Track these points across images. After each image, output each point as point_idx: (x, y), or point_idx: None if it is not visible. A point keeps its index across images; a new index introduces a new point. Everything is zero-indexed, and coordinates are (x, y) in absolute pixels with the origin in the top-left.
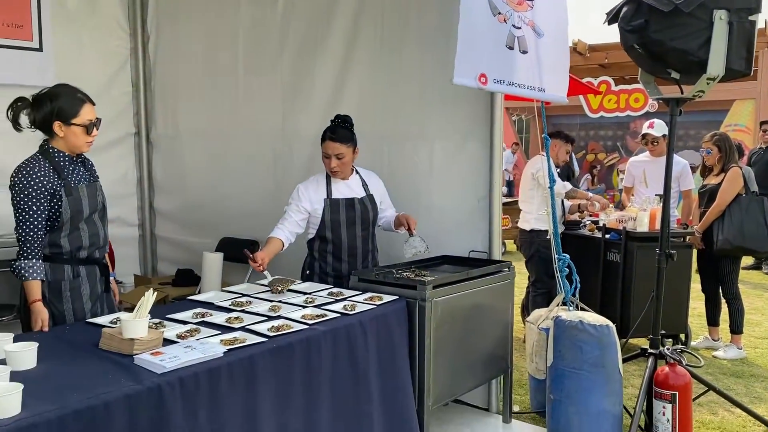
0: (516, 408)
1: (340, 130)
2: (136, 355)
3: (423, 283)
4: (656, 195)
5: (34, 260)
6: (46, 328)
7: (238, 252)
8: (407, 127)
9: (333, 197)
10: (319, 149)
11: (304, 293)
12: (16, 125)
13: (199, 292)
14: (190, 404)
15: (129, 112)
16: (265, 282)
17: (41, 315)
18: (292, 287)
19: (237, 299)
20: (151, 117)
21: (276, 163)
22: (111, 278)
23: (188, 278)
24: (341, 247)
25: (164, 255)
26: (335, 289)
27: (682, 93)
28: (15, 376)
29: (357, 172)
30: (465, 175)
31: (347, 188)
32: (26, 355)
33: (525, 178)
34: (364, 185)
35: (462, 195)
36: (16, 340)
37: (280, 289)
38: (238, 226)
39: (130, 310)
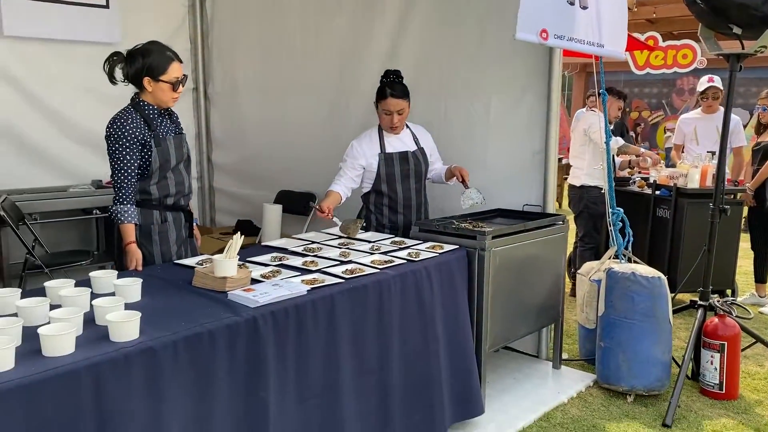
0: (565, 355)
1: (398, 85)
2: (228, 291)
3: (483, 234)
4: (708, 152)
5: (128, 205)
6: (140, 268)
7: (295, 204)
8: (464, 81)
9: (387, 151)
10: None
11: (369, 241)
12: (112, 78)
13: (259, 242)
14: (280, 336)
15: (187, 69)
16: (334, 229)
17: (135, 255)
18: (358, 236)
19: (308, 245)
20: (208, 73)
21: (332, 117)
22: (194, 224)
23: (248, 229)
24: (397, 200)
25: (222, 207)
26: (397, 238)
27: (743, 48)
28: (125, 308)
29: (407, 126)
30: (520, 129)
31: (400, 142)
32: (133, 288)
33: (576, 134)
34: (415, 139)
35: (517, 149)
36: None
37: (351, 230)
38: (294, 179)
39: None
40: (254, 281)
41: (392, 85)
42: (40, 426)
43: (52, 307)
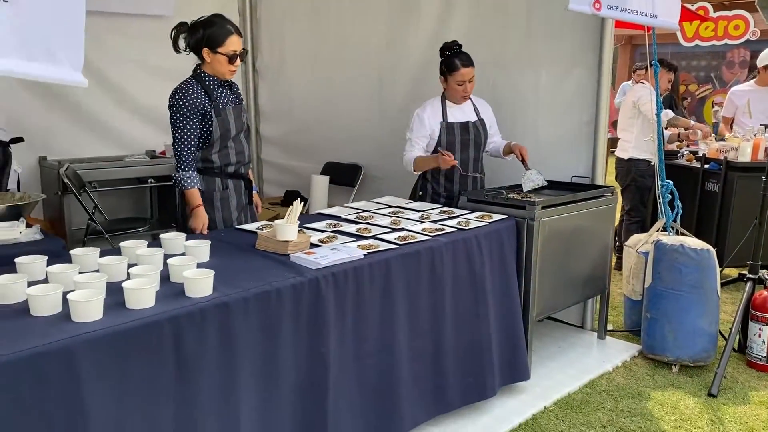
0: (609, 327)
1: (464, 54)
2: (291, 253)
3: (532, 204)
4: (761, 125)
5: (190, 171)
6: (205, 231)
7: (341, 175)
8: (513, 54)
9: (449, 121)
10: (424, 75)
11: (418, 210)
12: (176, 47)
13: (306, 213)
14: (340, 296)
15: None
16: (384, 198)
17: (203, 218)
18: (407, 205)
19: (359, 213)
20: (257, 46)
21: (380, 89)
22: (254, 192)
23: (295, 199)
24: (453, 170)
25: (270, 178)
26: (446, 208)
27: None
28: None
29: (469, 98)
30: (570, 101)
31: (461, 112)
32: (203, 249)
33: (625, 107)
34: (476, 110)
35: (566, 121)
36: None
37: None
38: (340, 151)
39: None
40: (313, 245)
41: (459, 55)
42: (126, 370)
43: (129, 265)
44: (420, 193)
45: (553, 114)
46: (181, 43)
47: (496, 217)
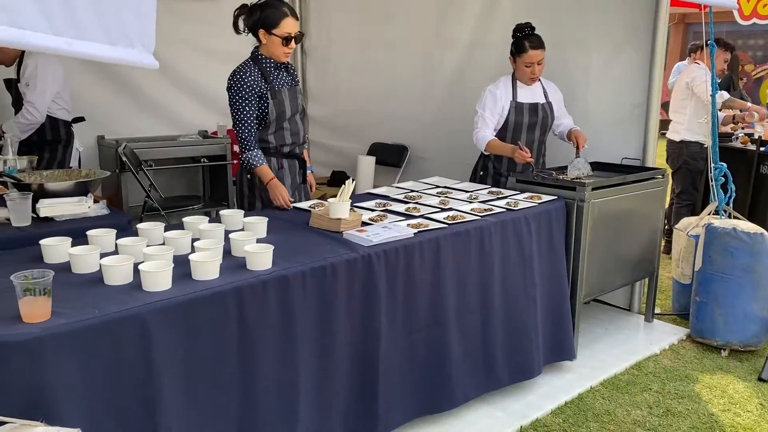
0: (657, 310)
1: (535, 36)
2: (343, 231)
3: (582, 185)
4: None
5: (254, 150)
6: (287, 200)
7: (388, 156)
8: (563, 34)
9: (518, 100)
10: (471, 55)
11: (466, 191)
12: (236, 29)
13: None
14: (391, 273)
15: None
16: (432, 178)
17: (279, 189)
18: (454, 186)
19: (408, 194)
20: (305, 28)
21: (426, 70)
22: (308, 171)
23: (342, 179)
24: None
25: (316, 158)
26: (494, 189)
27: None
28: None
29: (539, 79)
30: (621, 81)
31: (531, 93)
32: (261, 226)
33: (678, 88)
34: (545, 92)
35: (616, 102)
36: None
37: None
38: (387, 132)
39: None
40: (364, 224)
41: (529, 37)
42: (193, 337)
43: (192, 239)
44: (481, 173)
45: (604, 95)
46: (241, 25)
47: (545, 198)
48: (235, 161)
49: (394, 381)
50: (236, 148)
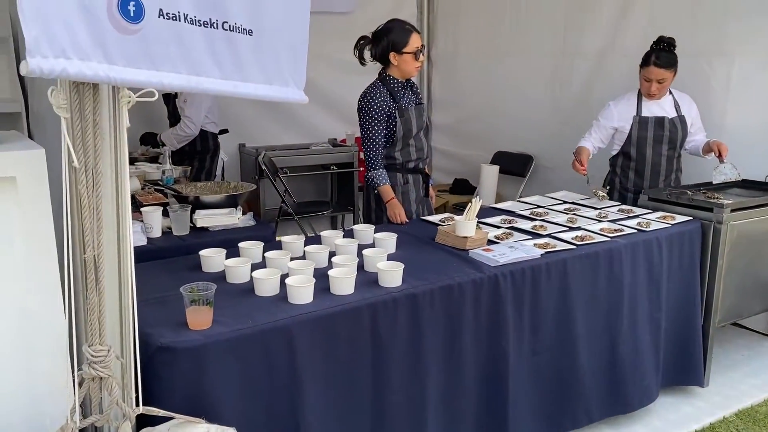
0: None
1: (665, 54)
2: (469, 249)
3: (720, 206)
4: None
5: (380, 170)
6: (404, 218)
7: (511, 165)
8: (703, 42)
9: (642, 115)
10: (601, 65)
11: (596, 208)
12: (362, 60)
13: (476, 196)
14: (517, 294)
15: None
16: (559, 193)
17: (398, 209)
18: (582, 202)
19: (534, 209)
20: (433, 37)
21: (553, 80)
22: (429, 185)
23: (464, 187)
24: (644, 164)
25: (439, 165)
26: (625, 206)
27: None
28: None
29: (670, 93)
30: (766, 93)
31: (658, 107)
32: (391, 241)
33: None
34: (677, 106)
35: (760, 115)
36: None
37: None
38: (510, 141)
39: None
40: (490, 242)
41: (658, 53)
42: (332, 347)
43: (330, 253)
44: (608, 187)
45: (746, 107)
46: (366, 55)
47: (679, 218)
48: (361, 168)
49: (522, 400)
50: (362, 155)
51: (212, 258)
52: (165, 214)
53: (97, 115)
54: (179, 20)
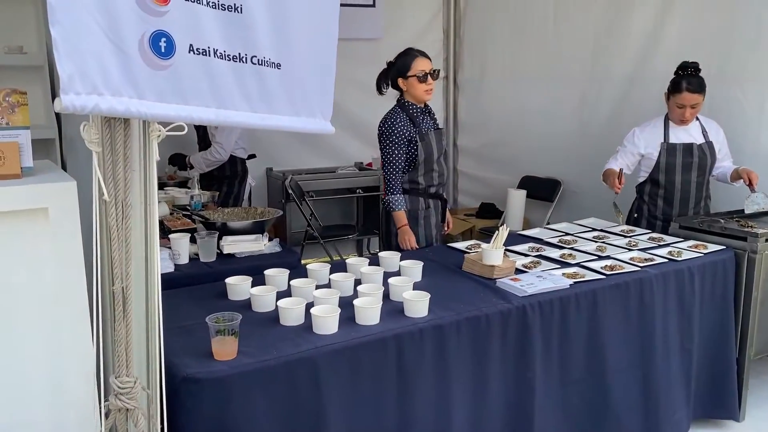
0: None
1: (695, 79)
2: (496, 279)
3: (755, 236)
4: None
5: (397, 195)
6: (414, 245)
7: (538, 189)
8: (735, 67)
9: (670, 141)
10: (630, 90)
11: (625, 236)
12: (380, 90)
13: (502, 224)
14: (545, 324)
15: (439, 58)
16: (587, 220)
17: (408, 236)
18: (611, 229)
19: (562, 237)
20: (458, 61)
21: (582, 105)
22: (447, 210)
23: (490, 211)
24: (673, 192)
25: (465, 189)
26: (655, 234)
27: None
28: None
29: (697, 119)
30: None
31: (686, 134)
32: (416, 270)
33: None
34: (704, 132)
35: None
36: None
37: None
38: (538, 165)
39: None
40: (518, 270)
41: (689, 78)
42: (358, 377)
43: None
44: (635, 215)
45: None
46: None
47: (711, 247)
48: None
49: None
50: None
51: (238, 286)
52: (193, 240)
53: (128, 149)
54: (209, 55)
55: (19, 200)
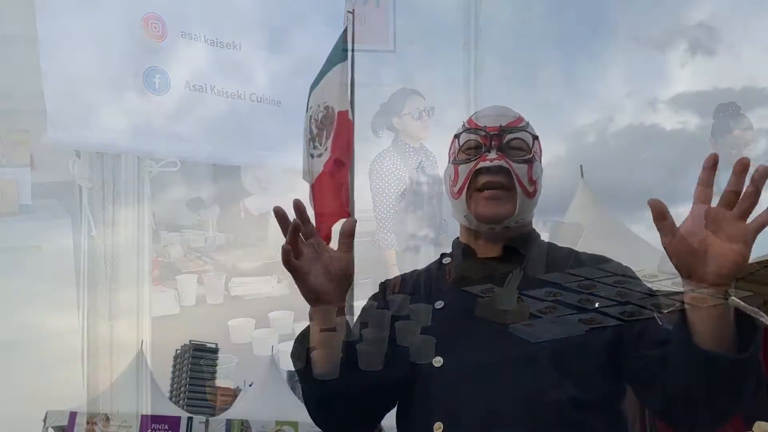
0: None
1: None
2: (509, 323)
3: None
4: None
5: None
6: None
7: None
8: None
9: None
10: None
11: (648, 281)
12: (376, 133)
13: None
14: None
15: None
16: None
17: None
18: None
19: (581, 282)
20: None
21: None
22: None
23: (512, 255)
24: None
25: None
26: (678, 279)
27: None
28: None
29: None
30: None
31: None
32: (427, 313)
33: None
34: None
35: None
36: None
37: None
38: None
39: None
40: (532, 315)
41: None
42: None
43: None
44: None
45: None
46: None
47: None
48: None
49: None
50: None
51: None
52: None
53: (118, 185)
54: (205, 92)
55: (12, 237)
